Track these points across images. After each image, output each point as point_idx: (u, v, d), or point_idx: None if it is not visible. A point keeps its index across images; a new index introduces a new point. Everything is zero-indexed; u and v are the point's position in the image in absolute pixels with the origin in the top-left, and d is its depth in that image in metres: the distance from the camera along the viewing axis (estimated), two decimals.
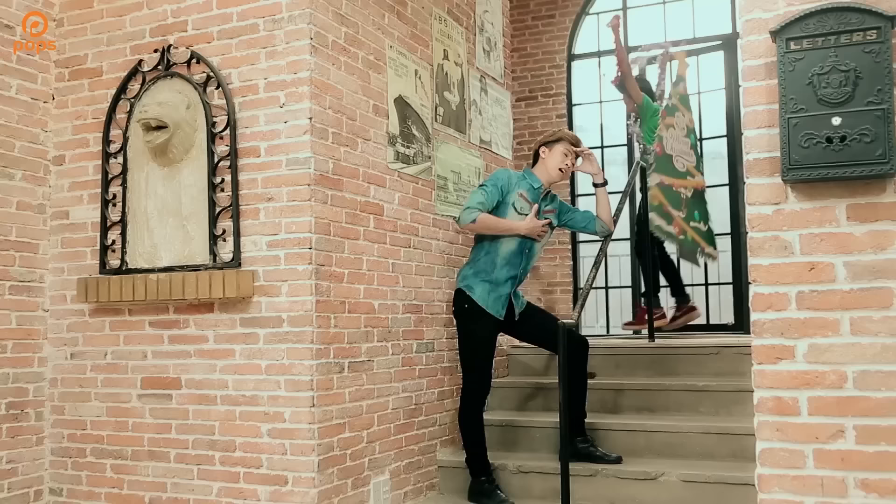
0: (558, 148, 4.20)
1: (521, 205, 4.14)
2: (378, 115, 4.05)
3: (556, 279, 7.07)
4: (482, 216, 4.06)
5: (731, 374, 4.74)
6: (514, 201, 4.13)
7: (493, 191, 4.10)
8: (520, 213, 4.13)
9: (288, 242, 3.55)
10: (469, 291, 4.12)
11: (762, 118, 2.39)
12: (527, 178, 4.22)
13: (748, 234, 2.39)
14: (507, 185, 4.14)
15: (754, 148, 2.40)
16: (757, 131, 2.40)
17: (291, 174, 3.56)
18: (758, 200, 2.37)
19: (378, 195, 4.01)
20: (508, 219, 4.12)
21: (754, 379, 2.37)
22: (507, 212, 4.13)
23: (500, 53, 5.53)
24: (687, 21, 6.90)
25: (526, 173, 4.25)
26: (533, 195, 4.18)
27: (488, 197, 4.09)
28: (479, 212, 4.05)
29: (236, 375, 3.62)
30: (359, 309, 3.81)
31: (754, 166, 2.39)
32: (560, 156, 4.19)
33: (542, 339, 4.37)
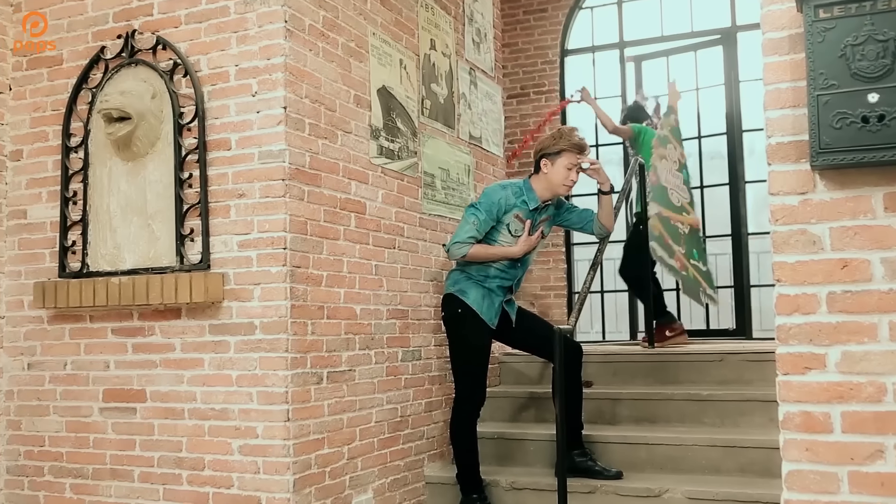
0: (562, 162, 3.83)
1: (517, 227, 3.87)
2: (360, 107, 3.78)
3: (550, 283, 6.80)
4: (473, 250, 3.81)
5: (735, 383, 4.48)
6: (510, 223, 3.86)
7: (487, 219, 3.81)
8: (514, 234, 3.87)
9: (260, 242, 3.27)
10: (462, 296, 3.84)
11: (786, 97, 2.12)
12: (524, 194, 3.88)
13: (771, 229, 2.11)
14: (504, 207, 3.83)
15: (777, 131, 2.13)
16: (780, 112, 2.13)
17: (264, 168, 3.29)
18: (782, 190, 2.10)
19: (360, 192, 3.73)
20: (500, 241, 3.86)
21: (779, 391, 2.10)
22: (500, 234, 3.86)
23: (491, 45, 5.26)
24: (684, 14, 6.64)
25: (525, 188, 3.90)
26: (529, 214, 3.89)
27: (481, 227, 3.81)
28: (471, 246, 3.80)
29: (205, 387, 3.33)
30: (338, 314, 3.52)
31: (777, 151, 2.12)
32: (563, 171, 3.83)
33: (535, 345, 4.09)
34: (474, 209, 3.86)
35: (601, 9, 6.89)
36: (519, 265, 3.92)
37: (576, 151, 3.85)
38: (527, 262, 3.98)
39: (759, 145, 6.39)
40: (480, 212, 3.82)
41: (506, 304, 3.93)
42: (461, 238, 3.82)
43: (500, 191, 3.87)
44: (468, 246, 3.80)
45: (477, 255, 3.82)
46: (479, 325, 3.83)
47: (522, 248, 3.85)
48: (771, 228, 2.12)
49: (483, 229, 3.82)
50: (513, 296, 4.00)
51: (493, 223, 3.83)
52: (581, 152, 3.87)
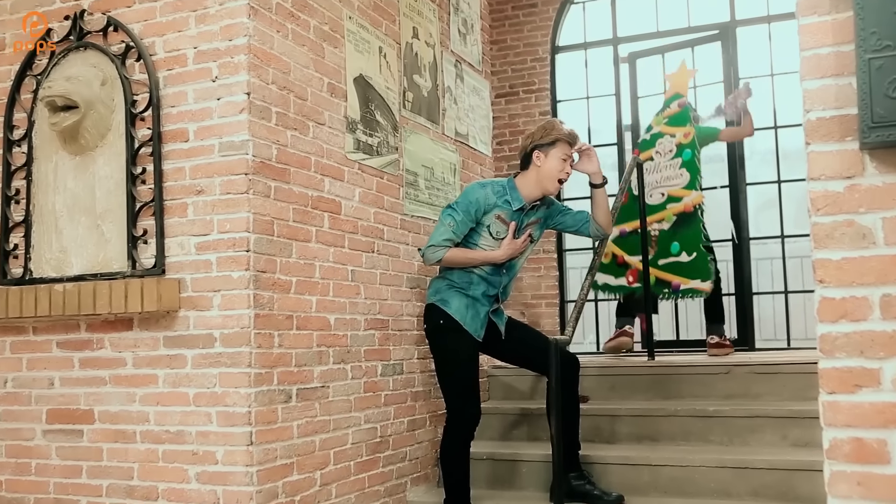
0: (555, 153, 3.51)
1: (498, 229, 3.52)
2: (334, 96, 3.44)
3: (541, 291, 6.45)
4: (450, 254, 3.47)
5: (743, 397, 4.15)
6: (490, 224, 3.51)
7: (465, 220, 3.47)
8: (495, 238, 3.52)
9: (221, 244, 2.92)
10: (444, 306, 3.50)
11: (828, 64, 1.80)
12: (508, 194, 3.54)
13: (812, 220, 1.78)
14: (484, 207, 3.49)
15: (817, 104, 1.80)
16: (820, 82, 1.81)
17: (225, 161, 2.94)
18: (823, 174, 1.77)
19: (334, 190, 3.39)
20: (480, 245, 3.51)
21: (824, 414, 1.76)
22: (481, 236, 3.52)
23: (478, 38, 4.94)
24: (681, 9, 6.34)
25: (508, 187, 3.56)
26: (514, 216, 3.54)
27: (458, 229, 3.47)
28: (447, 249, 3.46)
29: (159, 407, 2.97)
30: (310, 325, 3.17)
31: (818, 129, 1.79)
32: (558, 162, 3.51)
33: (527, 358, 3.75)
34: (451, 209, 3.52)
35: (593, 4, 6.58)
36: (504, 271, 3.58)
37: (569, 141, 3.53)
38: (514, 268, 3.63)
39: (759, 146, 6.08)
40: (457, 212, 3.48)
41: (493, 314, 3.59)
42: (436, 241, 3.48)
43: (479, 189, 3.53)
44: (444, 250, 3.46)
45: (454, 260, 3.49)
46: (464, 337, 3.49)
47: (506, 252, 3.51)
48: (811, 220, 1.78)
49: (460, 231, 3.48)
50: (500, 305, 3.65)
51: (471, 224, 3.49)
52: (573, 144, 3.55)
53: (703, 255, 5.03)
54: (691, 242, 5.05)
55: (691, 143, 5.30)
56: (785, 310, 6.01)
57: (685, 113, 5.40)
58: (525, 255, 3.68)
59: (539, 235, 3.74)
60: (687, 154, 5.25)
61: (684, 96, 5.46)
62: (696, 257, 5.02)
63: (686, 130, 5.30)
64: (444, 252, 3.46)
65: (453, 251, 3.48)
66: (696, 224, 5.11)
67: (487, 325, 3.55)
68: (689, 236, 5.05)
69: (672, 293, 5.10)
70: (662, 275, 5.11)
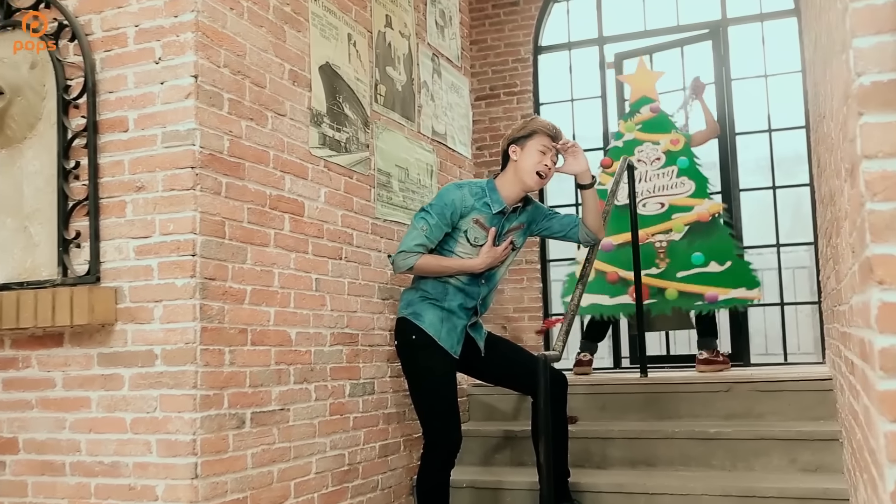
0: (532, 145, 3.19)
1: (476, 234, 3.19)
2: (297, 85, 3.09)
3: (524, 304, 6.11)
4: (423, 261, 3.14)
5: (746, 417, 3.83)
6: (468, 229, 3.18)
7: (439, 224, 3.14)
8: (474, 244, 3.19)
9: (163, 247, 2.56)
10: (416, 319, 3.15)
11: (884, 17, 1.47)
12: (487, 196, 3.21)
13: (867, 207, 1.45)
14: (461, 210, 3.16)
15: (871, 65, 1.47)
16: (876, 38, 1.47)
17: (169, 153, 2.58)
18: (881, 150, 1.43)
19: (297, 189, 3.04)
20: (457, 253, 3.19)
21: (887, 447, 1.42)
22: (457, 243, 3.19)
23: (457, 32, 4.61)
24: (669, 7, 6.04)
25: (488, 188, 3.23)
26: (493, 220, 3.21)
27: (432, 234, 3.14)
28: (419, 256, 3.13)
29: (92, 434, 2.60)
30: (267, 339, 2.81)
31: (872, 95, 1.46)
32: (536, 154, 3.18)
33: (509, 377, 3.40)
34: (424, 212, 3.19)
35: (578, 2, 6.27)
36: (483, 282, 3.24)
37: (548, 134, 3.20)
38: (494, 277, 3.29)
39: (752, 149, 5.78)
40: (431, 215, 3.15)
41: (470, 328, 3.24)
42: (407, 247, 3.15)
43: (456, 190, 3.20)
44: (415, 256, 3.13)
45: (427, 268, 3.15)
46: (439, 354, 3.14)
47: (485, 261, 3.18)
48: (865, 207, 1.45)
49: (434, 236, 3.15)
50: (479, 318, 3.30)
51: (446, 229, 3.16)
52: (555, 138, 3.22)
53: (741, 263, 4.75)
54: (722, 252, 4.75)
55: (685, 150, 4.99)
56: (781, 322, 5.70)
57: (662, 119, 5.10)
58: (506, 263, 3.35)
59: (522, 242, 3.40)
60: (683, 162, 4.93)
61: (655, 101, 5.16)
62: (732, 266, 4.73)
63: (672, 137, 4.99)
64: (416, 259, 3.12)
65: (426, 258, 3.14)
66: (723, 232, 4.82)
67: (465, 340, 3.20)
68: (717, 246, 4.75)
69: (709, 305, 4.75)
70: (687, 287, 4.77)
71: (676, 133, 5.02)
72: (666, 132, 5.01)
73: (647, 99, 5.14)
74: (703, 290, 4.72)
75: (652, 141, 5.01)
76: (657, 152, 5.01)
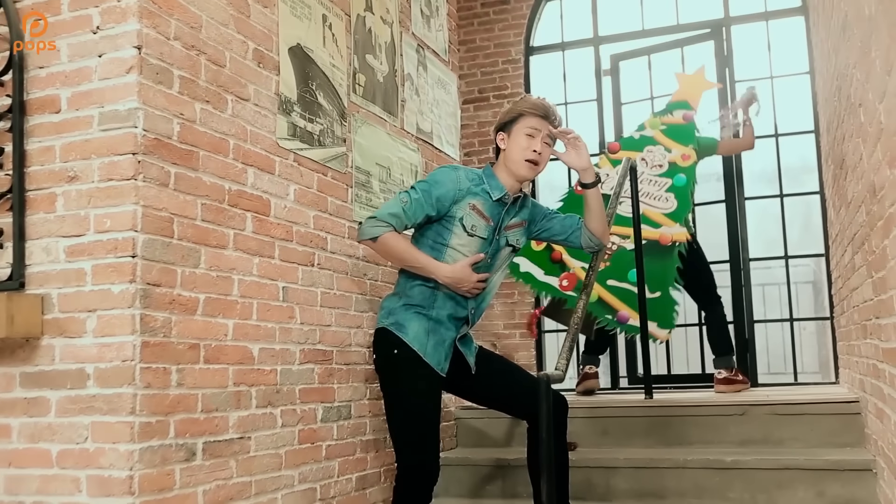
0: (519, 129, 2.79)
1: (474, 222, 2.77)
2: (263, 67, 2.72)
3: (515, 319, 5.72)
4: (389, 236, 2.70)
5: (763, 443, 3.47)
6: (464, 216, 2.76)
7: (422, 202, 2.72)
8: (471, 233, 2.77)
9: (98, 247, 2.17)
10: (398, 331, 2.75)
11: None
12: (485, 181, 2.82)
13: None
14: (453, 193, 2.74)
15: None
16: None
17: (107, 137, 2.20)
18: None
19: (261, 184, 2.66)
20: (452, 245, 2.76)
21: None
22: (452, 233, 2.77)
23: (444, 24, 4.26)
24: (668, 5, 5.71)
25: (486, 175, 2.84)
26: (493, 209, 2.80)
27: (412, 208, 2.71)
28: (389, 228, 2.70)
29: (12, 469, 2.20)
30: (224, 356, 2.42)
31: None
32: (523, 139, 2.78)
33: (505, 398, 2.98)
34: (410, 189, 2.79)
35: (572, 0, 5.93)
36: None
37: (538, 114, 2.79)
38: (490, 287, 2.90)
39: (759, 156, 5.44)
40: (415, 190, 2.75)
41: (459, 341, 2.84)
42: (380, 214, 2.72)
43: (450, 171, 2.80)
44: (384, 227, 2.69)
45: (390, 247, 2.72)
46: (424, 371, 2.73)
47: (452, 275, 2.72)
48: None
49: (415, 214, 2.72)
50: (469, 330, 2.91)
51: (429, 211, 2.73)
52: (546, 117, 2.80)
53: (668, 300, 4.28)
54: (658, 280, 4.28)
55: (689, 170, 4.60)
56: (791, 339, 5.34)
57: (690, 130, 4.74)
58: (502, 271, 2.96)
59: (525, 242, 3.02)
60: (680, 179, 4.53)
61: (693, 109, 4.81)
62: (659, 298, 4.27)
63: (686, 151, 4.60)
64: (385, 231, 2.69)
65: (394, 235, 2.70)
66: (671, 262, 4.35)
67: (453, 355, 2.81)
68: (658, 273, 4.28)
69: (615, 323, 4.36)
70: (608, 297, 4.38)
71: (693, 148, 4.66)
72: (684, 144, 4.63)
73: (685, 104, 4.78)
74: (620, 306, 4.34)
75: (666, 146, 4.65)
76: (663, 159, 4.65)
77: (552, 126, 2.82)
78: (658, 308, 4.22)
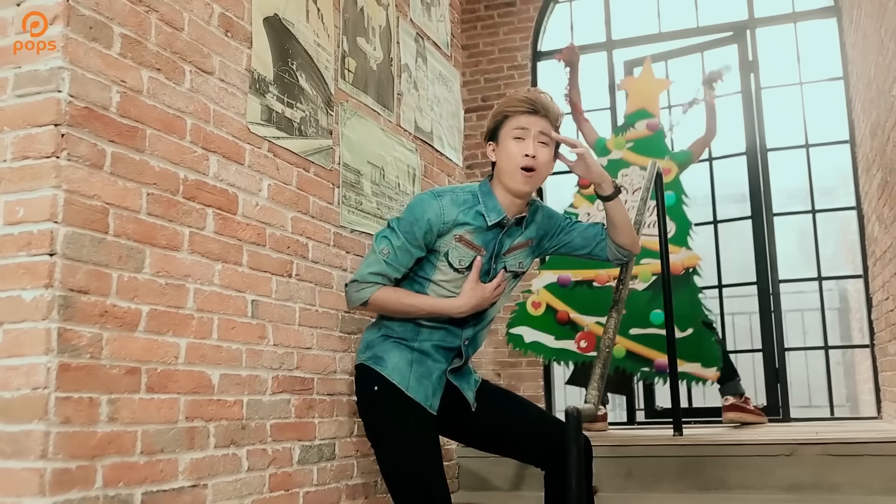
0: (506, 133, 2.31)
1: (461, 255, 2.30)
2: (232, 37, 2.27)
3: None
4: (381, 294, 2.27)
5: (816, 489, 2.98)
6: (450, 251, 2.29)
7: (407, 247, 2.27)
8: (458, 269, 2.31)
9: (7, 243, 1.71)
10: (377, 365, 2.30)
11: None
12: (479, 202, 2.32)
13: None
14: (437, 227, 2.27)
15: None
16: None
17: (23, 104, 1.74)
18: None
19: (227, 176, 2.20)
20: (435, 282, 2.31)
21: None
22: (435, 268, 2.32)
23: (446, 14, 3.83)
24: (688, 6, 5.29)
25: (482, 192, 2.35)
26: (486, 236, 2.32)
27: (396, 258, 2.27)
28: (376, 287, 2.27)
29: None
30: (173, 384, 1.94)
31: None
32: (513, 145, 2.28)
33: (515, 441, 2.47)
34: (388, 229, 2.32)
35: (582, 2, 5.51)
36: (470, 320, 2.38)
37: (524, 110, 2.30)
38: (484, 314, 2.42)
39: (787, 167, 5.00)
40: (396, 234, 2.28)
41: (453, 374, 2.36)
42: (361, 275, 2.30)
43: (432, 201, 2.30)
44: (372, 288, 2.28)
45: (387, 305, 2.30)
46: (410, 409, 2.27)
47: (468, 303, 2.29)
48: None
49: (400, 262, 2.29)
50: (466, 362, 2.44)
51: (419, 252, 2.29)
52: (536, 112, 2.29)
53: (703, 333, 3.85)
54: (686, 315, 3.85)
55: (674, 184, 4.16)
56: (826, 369, 4.86)
57: (658, 139, 4.30)
58: (505, 294, 2.47)
59: (529, 265, 2.53)
60: (669, 198, 4.06)
61: (655, 116, 4.37)
62: (694, 334, 3.85)
63: (664, 165, 4.14)
64: (373, 291, 2.27)
65: (385, 292, 2.28)
66: (691, 292, 3.94)
67: (447, 391, 2.33)
68: (682, 307, 3.83)
69: (654, 375, 3.92)
70: (637, 348, 3.95)
71: (670, 160, 4.22)
72: (658, 157, 4.16)
73: (644, 113, 4.35)
74: (655, 355, 3.88)
75: (640, 165, 4.19)
76: (642, 181, 4.19)
77: (549, 123, 2.33)
78: (695, 347, 3.76)
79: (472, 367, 2.48)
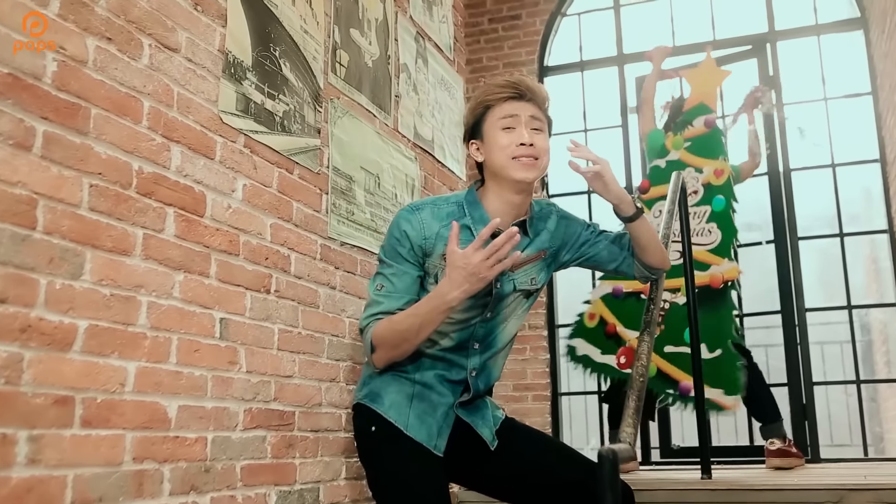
0: (491, 124, 1.96)
1: None
2: (202, 11, 1.95)
3: (527, 380, 4.87)
4: (376, 331, 1.89)
5: None
6: (439, 272, 1.93)
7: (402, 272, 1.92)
8: None
9: None
10: (373, 402, 1.93)
11: None
12: (465, 213, 1.98)
13: None
14: (420, 242, 1.93)
15: None
16: None
17: None
18: None
19: (193, 171, 1.86)
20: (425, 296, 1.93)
21: None
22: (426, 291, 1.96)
23: (448, 15, 3.53)
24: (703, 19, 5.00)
25: (467, 202, 2.00)
26: None
27: (392, 286, 1.92)
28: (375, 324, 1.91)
29: None
30: (118, 418, 1.59)
31: None
32: (501, 136, 1.94)
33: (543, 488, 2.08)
34: (378, 267, 1.99)
35: (592, 15, 5.22)
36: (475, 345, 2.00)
37: (507, 95, 1.96)
38: (494, 333, 2.03)
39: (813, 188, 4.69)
40: (385, 264, 1.94)
41: (463, 408, 1.99)
42: (361, 323, 1.95)
43: (409, 216, 1.95)
44: (370, 329, 1.91)
45: (386, 337, 1.89)
46: (411, 451, 1.90)
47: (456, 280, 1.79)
48: None
49: (401, 287, 1.92)
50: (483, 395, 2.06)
51: (416, 270, 1.94)
52: (522, 97, 1.95)
53: (731, 356, 3.48)
54: (717, 335, 3.51)
55: (725, 187, 3.82)
56: (858, 405, 4.49)
57: (715, 138, 3.96)
58: (518, 312, 2.10)
59: (545, 280, 2.17)
60: (719, 203, 3.76)
61: (713, 111, 4.04)
62: (721, 357, 3.48)
63: (718, 166, 3.83)
64: (371, 330, 1.91)
65: (380, 325, 1.90)
66: (726, 309, 3.59)
67: (461, 430, 1.97)
68: (715, 325, 3.50)
69: (677, 398, 3.56)
70: (667, 368, 3.59)
71: (724, 161, 3.89)
72: (713, 157, 3.86)
73: (704, 108, 4.00)
74: (682, 376, 3.52)
75: (695, 167, 3.88)
76: (696, 183, 3.87)
77: (537, 106, 1.98)
78: (720, 371, 3.41)
79: (491, 402, 2.11)
